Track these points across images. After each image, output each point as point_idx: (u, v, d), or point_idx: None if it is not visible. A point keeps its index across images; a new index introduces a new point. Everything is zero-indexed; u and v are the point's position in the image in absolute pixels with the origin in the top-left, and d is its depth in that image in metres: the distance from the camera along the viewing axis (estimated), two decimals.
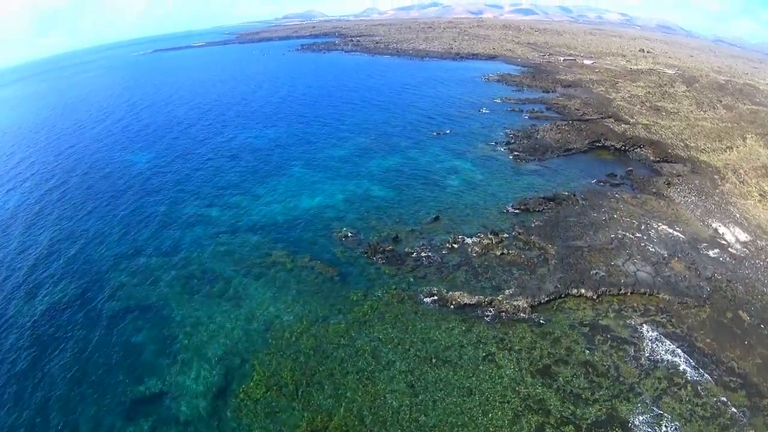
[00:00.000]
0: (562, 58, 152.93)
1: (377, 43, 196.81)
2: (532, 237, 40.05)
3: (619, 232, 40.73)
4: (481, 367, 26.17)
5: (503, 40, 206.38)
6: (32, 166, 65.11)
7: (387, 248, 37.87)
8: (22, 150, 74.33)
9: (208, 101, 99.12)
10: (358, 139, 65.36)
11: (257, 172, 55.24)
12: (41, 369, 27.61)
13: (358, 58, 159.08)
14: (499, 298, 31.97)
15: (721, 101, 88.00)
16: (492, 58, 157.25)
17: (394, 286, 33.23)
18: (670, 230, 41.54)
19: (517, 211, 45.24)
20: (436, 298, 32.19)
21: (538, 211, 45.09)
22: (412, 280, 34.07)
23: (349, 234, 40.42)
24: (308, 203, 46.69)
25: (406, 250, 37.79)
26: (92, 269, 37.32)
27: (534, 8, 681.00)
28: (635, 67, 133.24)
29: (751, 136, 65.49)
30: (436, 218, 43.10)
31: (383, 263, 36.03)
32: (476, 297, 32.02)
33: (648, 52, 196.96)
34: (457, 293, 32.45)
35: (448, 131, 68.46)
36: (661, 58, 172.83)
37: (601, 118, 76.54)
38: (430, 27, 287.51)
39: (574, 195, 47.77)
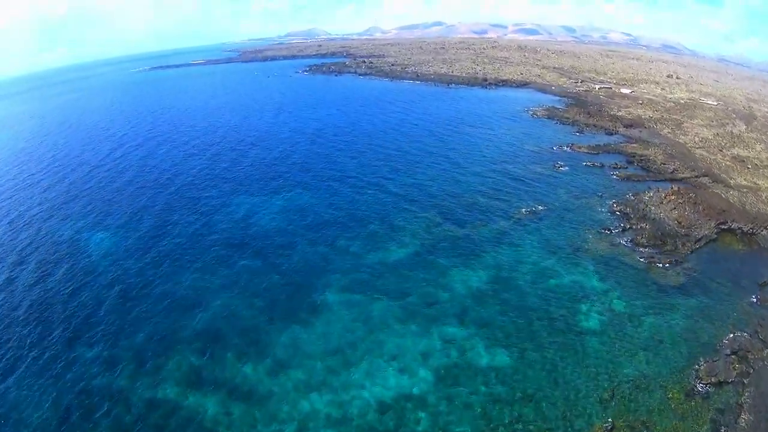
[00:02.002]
0: (597, 86, 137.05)
1: (392, 65, 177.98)
2: None
3: None
4: None
5: (525, 64, 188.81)
6: None
7: None
8: None
9: (200, 142, 78.32)
10: (416, 225, 43.75)
11: (258, 316, 31.34)
12: None
13: (376, 84, 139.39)
14: None
15: None
16: (523, 85, 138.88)
17: None
18: None
19: (708, 387, 24.63)
20: None
21: (730, 382, 24.72)
22: None
23: None
24: (369, 397, 24.88)
25: None
26: None
27: (538, 28, 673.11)
28: (673, 96, 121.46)
29: None
30: None
31: None
32: None
33: (677, 77, 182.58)
34: None
35: (536, 207, 47.65)
36: (694, 85, 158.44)
37: (696, 176, 60.54)
38: (443, 47, 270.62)
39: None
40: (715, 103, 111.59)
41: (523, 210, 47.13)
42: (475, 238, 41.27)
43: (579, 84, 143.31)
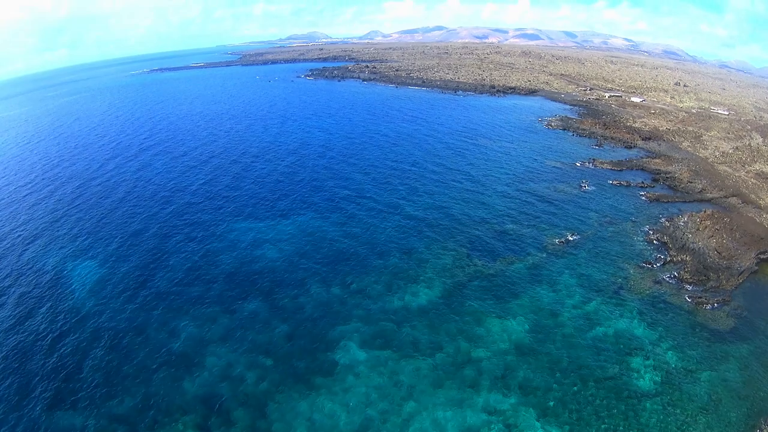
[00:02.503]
0: (607, 95, 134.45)
1: (396, 70, 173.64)
2: None
3: None
4: None
5: (531, 70, 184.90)
6: None
7: None
8: None
9: (199, 153, 73.50)
10: (443, 259, 38.72)
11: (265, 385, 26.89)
12: None
13: (381, 90, 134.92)
14: None
15: None
16: (532, 92, 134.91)
17: None
18: None
19: None
20: None
21: None
22: None
23: None
24: None
25: None
26: None
27: (539, 33, 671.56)
28: (683, 104, 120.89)
29: None
30: None
31: None
32: None
33: (685, 85, 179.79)
34: None
35: (569, 236, 43.03)
36: (702, 93, 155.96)
37: (725, 197, 57.78)
38: (446, 52, 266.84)
39: None
40: (726, 113, 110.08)
41: (557, 240, 42.50)
42: (509, 274, 36.61)
43: (588, 92, 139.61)
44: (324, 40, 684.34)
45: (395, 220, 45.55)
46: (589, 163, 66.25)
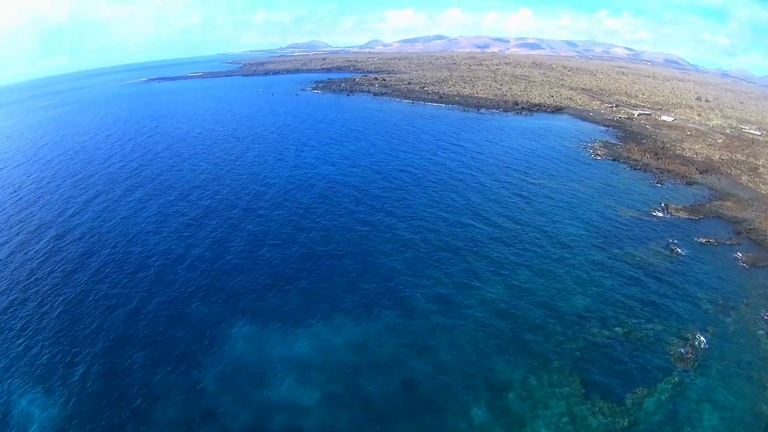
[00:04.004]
0: (635, 113, 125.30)
1: (408, 84, 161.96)
2: None
3: None
4: None
5: (549, 84, 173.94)
6: None
7: None
8: None
9: (197, 198, 60.60)
10: (549, 407, 25.56)
11: None
12: None
13: (396, 106, 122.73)
14: None
15: None
16: (558, 110, 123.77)
17: None
18: None
19: None
20: None
21: None
22: None
23: None
24: None
25: None
26: None
27: (540, 43, 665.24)
28: (711, 123, 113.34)
29: None
30: None
31: None
32: None
33: (706, 100, 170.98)
34: None
35: (692, 341, 30.60)
36: (726, 110, 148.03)
37: None
38: (454, 63, 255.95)
39: None
40: (759, 133, 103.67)
41: (681, 348, 30.05)
42: (640, 418, 24.22)
43: (615, 109, 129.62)
44: (325, 49, 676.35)
45: (478, 327, 31.70)
46: (663, 211, 54.85)
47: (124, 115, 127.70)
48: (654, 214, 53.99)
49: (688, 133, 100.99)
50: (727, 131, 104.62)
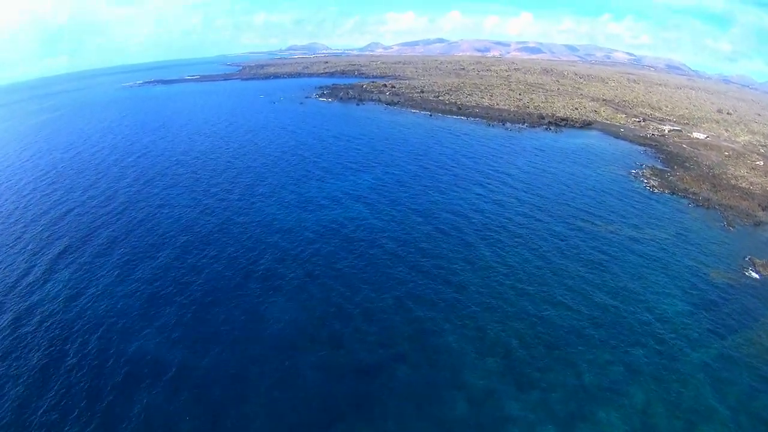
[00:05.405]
0: (665, 129, 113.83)
1: (421, 92, 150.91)
2: None
3: None
4: None
5: (567, 93, 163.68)
6: None
7: None
8: None
9: (186, 256, 48.15)
10: None
11: None
12: None
13: (414, 120, 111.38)
14: None
15: None
16: (587, 125, 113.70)
17: None
18: None
19: None
20: None
21: None
22: None
23: None
24: None
25: None
26: None
27: (540, 47, 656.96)
28: (740, 139, 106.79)
29: None
30: None
31: None
32: None
33: (728, 113, 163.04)
34: None
35: None
36: (751, 124, 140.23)
37: None
38: (462, 68, 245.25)
39: None
40: None
41: None
42: None
43: (642, 123, 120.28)
44: (324, 51, 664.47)
45: None
46: (752, 269, 44.43)
47: (115, 126, 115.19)
48: (747, 274, 43.71)
49: (726, 153, 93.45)
50: (761, 150, 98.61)
